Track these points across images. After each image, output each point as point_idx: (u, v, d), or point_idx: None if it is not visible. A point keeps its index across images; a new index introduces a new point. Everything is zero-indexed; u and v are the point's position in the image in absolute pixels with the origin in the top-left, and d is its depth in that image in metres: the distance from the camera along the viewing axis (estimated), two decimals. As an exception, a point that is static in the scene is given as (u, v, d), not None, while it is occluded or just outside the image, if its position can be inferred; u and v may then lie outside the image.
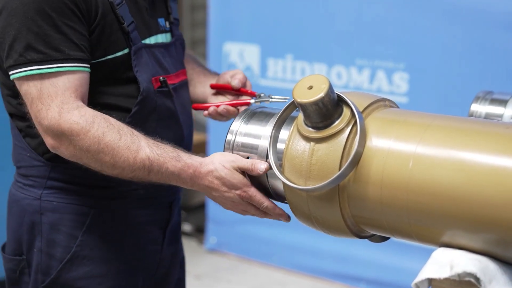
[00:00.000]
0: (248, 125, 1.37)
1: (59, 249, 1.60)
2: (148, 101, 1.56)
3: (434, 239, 1.13)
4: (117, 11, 1.52)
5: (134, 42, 1.55)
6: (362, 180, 1.16)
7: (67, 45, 1.44)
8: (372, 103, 1.23)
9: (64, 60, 1.44)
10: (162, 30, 1.66)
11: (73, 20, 1.45)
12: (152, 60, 1.60)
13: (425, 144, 1.12)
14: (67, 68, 1.44)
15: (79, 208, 1.59)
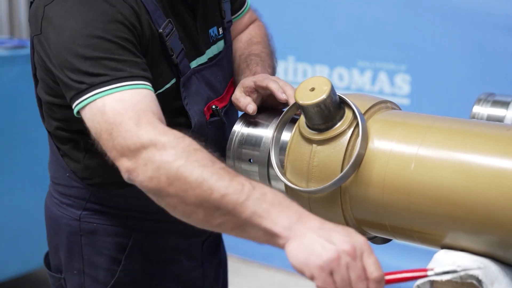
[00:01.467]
0: (250, 127, 1.37)
1: (102, 272, 1.51)
2: (200, 135, 1.32)
3: (436, 241, 1.13)
4: (167, 42, 1.35)
5: (183, 72, 1.38)
6: (364, 182, 1.16)
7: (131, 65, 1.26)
8: (373, 105, 1.23)
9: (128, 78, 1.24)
10: (213, 41, 1.50)
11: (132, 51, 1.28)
12: (203, 86, 1.43)
13: (426, 146, 1.12)
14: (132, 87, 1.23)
15: (120, 230, 1.48)
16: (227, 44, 1.55)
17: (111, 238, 1.49)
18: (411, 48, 3.22)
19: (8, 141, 3.16)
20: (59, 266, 1.56)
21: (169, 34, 1.35)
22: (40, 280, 3.82)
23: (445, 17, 3.11)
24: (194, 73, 1.41)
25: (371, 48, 3.34)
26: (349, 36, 3.38)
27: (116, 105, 1.20)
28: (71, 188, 1.49)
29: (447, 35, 3.12)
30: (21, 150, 3.20)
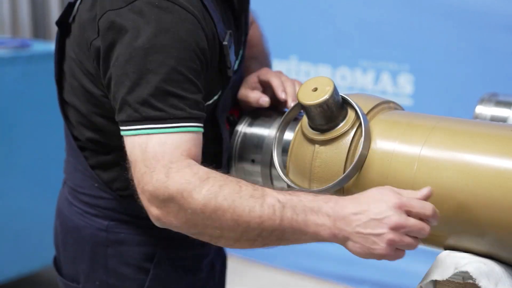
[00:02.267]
0: (252, 127, 1.37)
1: (128, 282, 1.49)
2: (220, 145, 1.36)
3: (439, 242, 1.13)
4: (226, 54, 1.31)
5: (227, 83, 1.35)
6: (367, 182, 1.15)
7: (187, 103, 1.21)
8: (376, 105, 1.22)
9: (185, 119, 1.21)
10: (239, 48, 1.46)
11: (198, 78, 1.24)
12: (230, 95, 1.42)
13: (430, 146, 1.12)
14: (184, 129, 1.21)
15: (147, 239, 1.46)
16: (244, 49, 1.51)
17: (138, 247, 1.47)
18: (414, 48, 3.22)
19: (9, 142, 3.16)
20: (75, 276, 1.53)
21: (230, 47, 1.32)
22: (41, 281, 3.82)
23: (448, 17, 3.10)
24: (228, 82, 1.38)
25: (374, 47, 3.34)
26: (351, 35, 3.38)
27: (157, 148, 1.19)
28: (99, 198, 1.46)
29: (450, 35, 3.11)
30: (22, 151, 3.20)
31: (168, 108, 1.20)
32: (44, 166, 3.28)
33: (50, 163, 3.30)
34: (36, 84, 3.22)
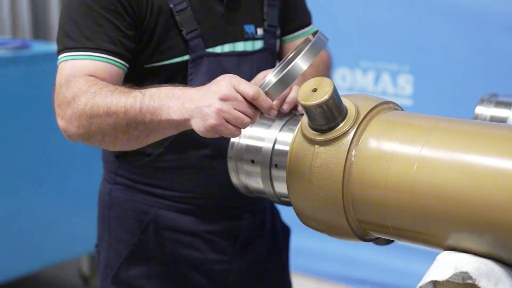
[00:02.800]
0: (252, 128, 1.37)
1: (122, 245, 1.64)
2: None
3: (439, 242, 1.13)
4: (176, 17, 1.50)
5: (193, 50, 1.52)
6: (367, 183, 1.15)
7: (99, 36, 1.44)
8: (376, 106, 1.22)
9: (92, 49, 1.44)
10: (247, 38, 1.60)
11: (114, 16, 1.45)
12: (216, 69, 1.54)
13: (430, 146, 1.12)
14: (90, 57, 1.44)
15: (141, 206, 1.62)
16: (267, 46, 1.62)
17: (132, 213, 1.62)
18: (414, 48, 3.22)
19: (9, 142, 3.16)
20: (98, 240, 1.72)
21: (180, 11, 1.50)
22: (42, 281, 3.82)
23: (449, 18, 3.10)
24: (208, 55, 1.53)
25: (374, 48, 3.34)
26: (351, 36, 3.38)
27: (69, 70, 1.42)
28: (107, 162, 1.66)
29: (450, 36, 3.11)
30: (22, 151, 3.20)
31: (82, 39, 1.44)
32: (44, 167, 3.28)
33: (51, 163, 3.30)
34: (36, 85, 3.22)
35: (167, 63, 1.52)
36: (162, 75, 1.53)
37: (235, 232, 1.67)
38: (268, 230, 1.77)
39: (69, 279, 3.88)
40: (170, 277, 1.66)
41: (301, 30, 1.74)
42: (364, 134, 1.18)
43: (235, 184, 1.40)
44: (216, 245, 1.67)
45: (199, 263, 1.67)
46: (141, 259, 1.64)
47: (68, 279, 3.88)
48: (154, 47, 1.51)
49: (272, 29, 1.65)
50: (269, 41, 1.64)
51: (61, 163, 3.34)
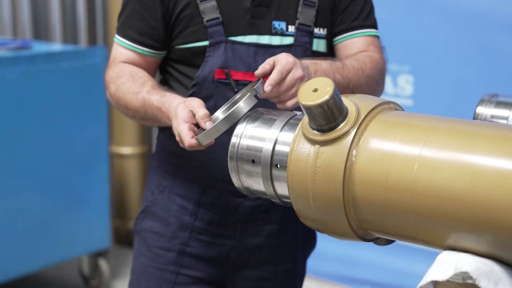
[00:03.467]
0: (253, 128, 1.37)
1: (144, 202, 1.95)
2: (204, 88, 1.75)
3: (439, 242, 1.13)
4: (199, 6, 1.74)
5: (211, 36, 1.74)
6: (367, 183, 1.15)
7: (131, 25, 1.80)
8: (377, 106, 1.22)
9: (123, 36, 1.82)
10: (275, 33, 1.75)
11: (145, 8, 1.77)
12: (232, 56, 1.74)
13: (430, 147, 1.12)
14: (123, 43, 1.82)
15: (162, 173, 1.90)
16: (297, 43, 1.76)
17: (155, 177, 1.92)
18: (414, 48, 3.22)
19: (10, 142, 3.16)
20: None
21: (203, 1, 1.74)
22: (43, 281, 3.82)
23: (449, 18, 3.11)
24: (226, 42, 1.74)
25: (374, 48, 3.33)
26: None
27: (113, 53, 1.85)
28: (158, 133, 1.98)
29: (450, 36, 3.12)
30: (23, 151, 3.20)
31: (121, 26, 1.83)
32: (45, 167, 3.29)
33: (51, 163, 3.30)
34: (37, 85, 3.23)
35: (191, 46, 1.76)
36: (187, 57, 1.78)
37: (238, 209, 1.81)
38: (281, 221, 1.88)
39: (70, 279, 3.88)
40: (171, 238, 1.87)
41: (348, 32, 1.83)
42: (364, 134, 1.18)
43: (236, 184, 1.40)
44: (220, 219, 1.83)
45: (199, 232, 1.85)
46: (152, 216, 1.90)
47: (69, 279, 3.89)
48: (181, 32, 1.76)
49: (306, 28, 1.77)
50: (300, 39, 1.76)
51: (61, 163, 3.35)
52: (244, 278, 1.88)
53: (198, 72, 1.75)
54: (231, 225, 1.84)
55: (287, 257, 1.92)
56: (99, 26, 4.53)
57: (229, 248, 1.85)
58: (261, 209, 1.84)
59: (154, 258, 1.89)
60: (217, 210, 1.83)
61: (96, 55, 3.40)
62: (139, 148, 4.20)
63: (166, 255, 1.87)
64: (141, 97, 1.69)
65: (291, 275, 1.94)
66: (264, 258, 1.89)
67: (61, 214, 3.42)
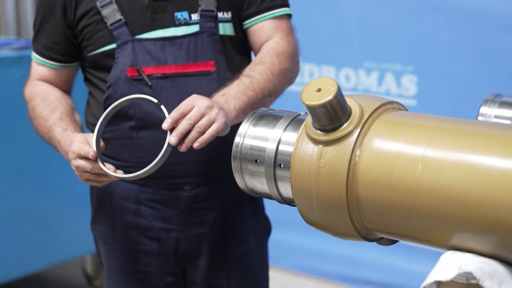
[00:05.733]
0: (256, 128, 1.37)
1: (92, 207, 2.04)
2: (119, 87, 1.81)
3: (443, 242, 1.13)
4: (102, 12, 1.80)
5: (118, 38, 1.80)
6: (371, 183, 1.15)
7: (41, 40, 1.89)
8: (380, 106, 1.22)
9: (35, 51, 1.92)
10: (179, 24, 1.81)
11: (50, 23, 1.86)
12: (140, 53, 1.80)
13: (433, 147, 1.12)
14: (35, 58, 1.94)
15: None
16: (202, 30, 1.81)
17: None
18: (418, 49, 3.22)
19: (12, 142, 3.16)
20: None
21: (104, 6, 1.80)
22: (46, 281, 3.82)
23: (452, 18, 3.10)
24: (132, 41, 1.80)
25: (378, 49, 3.34)
26: (355, 37, 3.38)
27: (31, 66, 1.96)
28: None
29: (454, 36, 3.11)
30: (25, 151, 3.20)
31: (33, 41, 1.93)
32: (47, 167, 3.29)
33: (53, 163, 3.30)
34: (40, 85, 3.22)
35: (100, 51, 1.84)
36: (99, 62, 1.85)
37: (177, 202, 1.87)
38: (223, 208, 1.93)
39: (73, 279, 3.88)
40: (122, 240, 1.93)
41: (255, 16, 1.88)
42: (368, 134, 1.18)
43: (240, 184, 1.40)
44: (161, 213, 1.89)
45: (146, 229, 1.92)
46: (101, 220, 2.00)
47: (72, 279, 3.89)
48: (88, 39, 1.83)
49: (209, 13, 1.83)
50: (205, 25, 1.81)
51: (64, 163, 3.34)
52: (198, 268, 1.91)
53: (111, 74, 1.82)
54: (174, 218, 1.89)
55: (237, 242, 1.93)
56: (103, 26, 4.52)
57: (176, 240, 1.90)
58: (199, 198, 1.89)
59: (114, 261, 1.95)
60: (157, 205, 1.88)
61: (100, 55, 3.40)
62: (142, 148, 4.19)
63: (123, 257, 1.93)
64: (48, 125, 1.81)
65: (245, 260, 1.96)
66: (214, 246, 1.92)
67: (65, 214, 3.42)
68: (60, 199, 3.36)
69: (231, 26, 1.86)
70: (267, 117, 1.38)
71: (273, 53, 1.81)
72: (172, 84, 1.80)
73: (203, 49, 1.81)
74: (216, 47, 1.82)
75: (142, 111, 1.81)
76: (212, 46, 1.82)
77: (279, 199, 1.36)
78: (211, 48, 1.82)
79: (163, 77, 1.79)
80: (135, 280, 1.93)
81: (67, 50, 1.88)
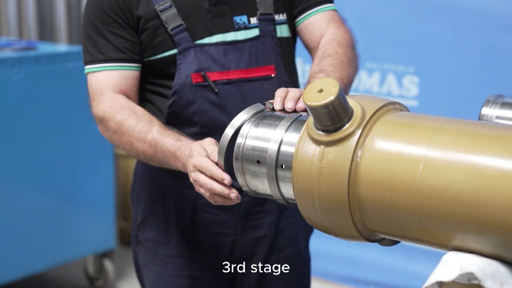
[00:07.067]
0: (258, 128, 1.37)
1: (139, 213, 1.94)
2: (185, 94, 1.76)
3: (444, 243, 1.13)
4: (161, 16, 1.74)
5: (179, 44, 1.75)
6: (373, 183, 1.16)
7: (108, 48, 1.76)
8: (382, 107, 1.22)
9: (104, 61, 1.76)
10: (238, 28, 1.79)
11: (114, 27, 1.75)
12: (203, 58, 1.76)
13: (435, 147, 1.12)
14: (106, 68, 1.76)
15: (154, 180, 1.89)
16: (263, 33, 1.80)
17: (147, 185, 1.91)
18: (420, 49, 3.22)
19: (15, 142, 3.17)
20: None
21: (164, 10, 1.74)
22: (48, 281, 3.83)
23: (454, 19, 3.10)
24: (194, 47, 1.76)
25: (379, 49, 3.34)
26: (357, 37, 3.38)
27: (95, 84, 1.77)
28: None
29: (455, 37, 3.11)
30: (28, 151, 3.21)
31: (96, 53, 1.77)
32: (50, 167, 3.29)
33: (56, 163, 3.31)
34: (42, 85, 3.23)
35: (159, 56, 1.77)
36: (158, 67, 1.78)
37: (236, 206, 1.82)
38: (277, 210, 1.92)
39: (75, 280, 3.89)
40: (176, 245, 1.88)
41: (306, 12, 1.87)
42: (370, 135, 1.18)
43: (241, 184, 1.41)
44: (218, 218, 1.85)
45: (202, 234, 1.87)
46: (151, 225, 1.90)
47: (74, 279, 3.89)
48: (147, 44, 1.76)
49: (268, 17, 1.80)
50: (265, 28, 1.79)
51: (66, 163, 3.35)
52: (250, 271, 1.91)
53: (175, 80, 1.76)
54: (231, 222, 1.87)
55: (289, 243, 1.95)
56: (104, 27, 4.53)
57: (232, 244, 1.88)
58: (257, 202, 1.87)
59: (165, 266, 1.90)
60: (215, 210, 1.86)
61: (102, 56, 3.40)
62: (144, 148, 4.20)
63: (176, 262, 1.89)
64: (151, 138, 1.64)
65: (296, 259, 1.97)
66: (268, 249, 1.92)
67: (67, 214, 3.42)
68: (62, 199, 3.36)
69: (287, 28, 1.86)
70: (269, 118, 1.38)
71: (334, 44, 1.81)
72: (236, 89, 1.78)
73: (264, 53, 1.80)
74: (276, 51, 1.82)
75: (207, 117, 1.77)
76: (273, 49, 1.82)
77: (281, 200, 1.36)
78: (271, 52, 1.81)
79: (227, 82, 1.77)
80: (187, 286, 1.90)
81: (139, 49, 1.79)
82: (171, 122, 1.77)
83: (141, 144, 1.65)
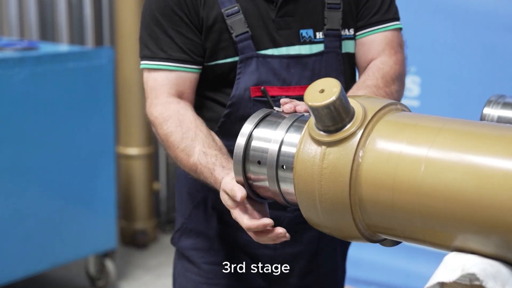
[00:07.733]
0: (259, 129, 1.37)
1: (179, 217, 1.89)
2: (241, 107, 1.69)
3: (446, 243, 1.13)
4: (227, 21, 1.66)
5: (242, 52, 1.67)
6: (374, 184, 1.15)
7: (171, 46, 1.68)
8: (383, 107, 1.22)
9: (166, 59, 1.69)
10: (304, 42, 1.70)
11: (179, 26, 1.68)
12: (264, 70, 1.68)
13: (437, 148, 1.12)
14: (166, 67, 1.69)
15: (195, 185, 1.79)
16: (327, 50, 1.72)
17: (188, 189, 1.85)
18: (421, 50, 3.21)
19: (16, 143, 3.17)
20: None
21: (231, 15, 1.66)
22: (49, 281, 3.83)
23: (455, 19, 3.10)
24: (257, 57, 1.67)
25: (381, 49, 3.33)
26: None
27: (151, 83, 1.70)
28: None
29: (456, 37, 3.11)
30: (29, 152, 3.21)
31: (157, 50, 1.70)
32: (51, 167, 3.29)
33: (58, 164, 3.31)
34: (43, 85, 3.23)
35: (220, 62, 1.69)
36: (217, 72, 1.70)
37: (279, 221, 1.72)
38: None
39: (76, 280, 3.89)
40: (217, 252, 1.82)
41: (366, 28, 1.79)
42: (371, 135, 1.18)
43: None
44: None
45: (244, 244, 1.80)
46: (190, 232, 1.85)
47: (75, 279, 3.89)
48: (210, 48, 1.69)
49: (334, 32, 1.72)
50: (330, 44, 1.72)
51: (68, 163, 3.35)
52: (288, 286, 1.86)
53: (233, 91, 1.69)
54: None
55: (328, 259, 1.90)
56: (106, 27, 4.54)
57: (271, 258, 1.83)
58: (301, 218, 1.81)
59: (206, 275, 1.85)
60: None
61: (103, 56, 3.41)
62: (145, 149, 4.20)
63: (217, 270, 1.83)
64: (192, 163, 1.59)
65: (332, 276, 1.92)
66: (306, 265, 1.87)
67: (68, 214, 3.43)
68: (63, 199, 3.36)
69: (353, 44, 1.79)
70: (270, 118, 1.38)
71: (378, 74, 1.74)
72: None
73: (327, 70, 1.72)
74: (339, 68, 1.75)
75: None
76: (336, 67, 1.74)
77: (282, 201, 1.35)
78: (334, 69, 1.74)
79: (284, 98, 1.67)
80: None
81: (202, 51, 1.71)
82: (222, 131, 1.72)
83: (184, 164, 1.61)
